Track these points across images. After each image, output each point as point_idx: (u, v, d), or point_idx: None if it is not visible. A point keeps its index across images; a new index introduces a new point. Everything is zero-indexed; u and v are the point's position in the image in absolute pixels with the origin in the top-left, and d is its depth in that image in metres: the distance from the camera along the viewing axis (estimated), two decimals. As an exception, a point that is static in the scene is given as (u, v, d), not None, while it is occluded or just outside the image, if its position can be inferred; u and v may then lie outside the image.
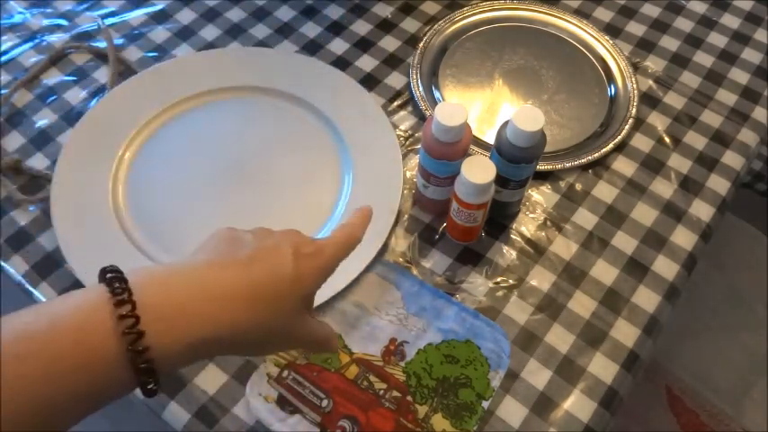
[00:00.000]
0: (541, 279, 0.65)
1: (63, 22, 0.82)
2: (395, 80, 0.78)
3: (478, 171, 0.57)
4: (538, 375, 0.59)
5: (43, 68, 0.77)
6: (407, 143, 0.73)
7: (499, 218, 0.68)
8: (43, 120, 0.74)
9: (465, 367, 0.59)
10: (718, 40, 0.84)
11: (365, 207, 0.49)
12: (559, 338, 0.61)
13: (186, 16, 0.83)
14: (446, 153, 0.59)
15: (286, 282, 0.39)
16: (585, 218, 0.69)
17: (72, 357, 0.31)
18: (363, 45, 0.81)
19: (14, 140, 0.72)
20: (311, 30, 0.82)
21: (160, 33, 0.81)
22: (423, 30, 0.83)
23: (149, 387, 0.34)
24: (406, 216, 0.68)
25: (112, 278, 0.34)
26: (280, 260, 0.39)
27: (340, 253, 0.44)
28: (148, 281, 0.35)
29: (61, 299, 0.34)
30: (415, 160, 0.72)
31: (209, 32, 0.82)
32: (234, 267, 0.38)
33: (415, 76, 0.77)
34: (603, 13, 0.86)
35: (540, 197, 0.70)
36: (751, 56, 0.83)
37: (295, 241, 0.41)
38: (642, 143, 0.74)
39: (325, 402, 0.56)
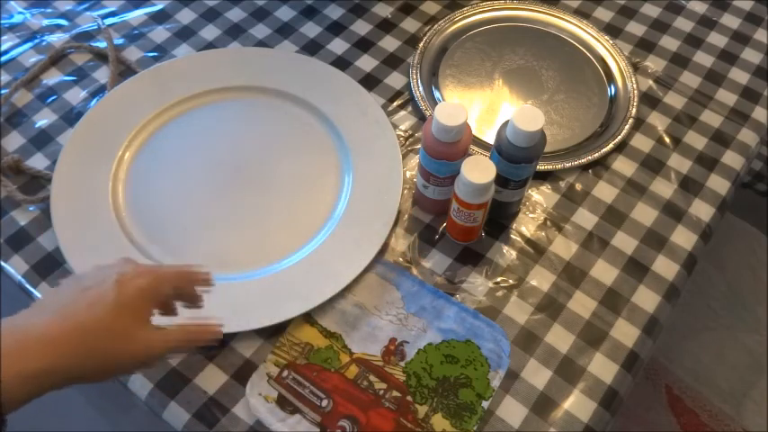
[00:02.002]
0: (541, 279, 0.65)
1: (63, 22, 0.82)
2: (395, 80, 0.78)
3: (478, 171, 0.57)
4: (538, 375, 0.59)
5: (43, 68, 0.77)
6: (407, 143, 0.73)
7: (499, 218, 0.68)
8: (43, 120, 0.74)
9: (465, 367, 0.59)
10: (718, 40, 0.84)
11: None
12: (559, 338, 0.61)
13: (186, 16, 0.83)
14: (446, 153, 0.59)
15: (107, 310, 0.44)
16: (585, 218, 0.69)
17: None
18: (363, 45, 0.81)
19: (14, 140, 0.72)
20: (311, 30, 0.82)
21: (160, 33, 0.81)
22: (423, 30, 0.83)
23: None
24: (406, 216, 0.68)
25: None
26: (100, 293, 0.45)
27: (170, 274, 0.49)
28: None
29: None
30: (415, 160, 0.72)
31: (209, 32, 0.82)
32: (57, 310, 0.44)
33: (415, 76, 0.77)
34: (603, 13, 0.86)
35: (540, 197, 0.70)
36: (751, 56, 0.83)
37: (120, 271, 0.47)
38: (642, 143, 0.74)
39: (325, 402, 0.56)
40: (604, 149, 0.72)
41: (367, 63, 0.79)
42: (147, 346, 0.47)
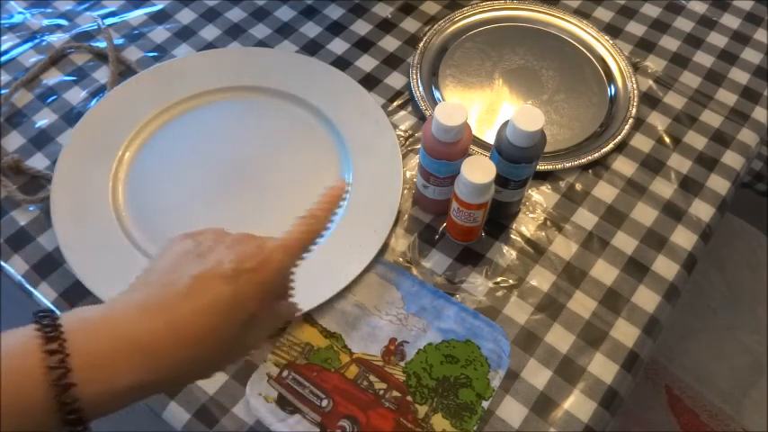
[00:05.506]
0: (541, 279, 0.65)
1: (63, 22, 0.82)
2: (395, 80, 0.78)
3: (478, 171, 0.57)
4: (538, 375, 0.59)
5: (43, 68, 0.77)
6: (407, 143, 0.73)
7: (499, 218, 0.68)
8: (43, 120, 0.74)
9: (465, 367, 0.59)
10: (718, 40, 0.84)
11: (335, 187, 0.46)
12: (559, 338, 0.61)
13: (186, 16, 0.83)
14: (446, 153, 0.59)
15: (223, 310, 0.38)
16: (585, 218, 0.69)
17: (3, 400, 0.32)
18: (363, 45, 0.81)
19: (14, 140, 0.72)
20: (311, 30, 0.82)
21: (160, 33, 0.81)
22: (423, 30, 0.83)
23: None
24: (406, 216, 0.68)
25: (46, 325, 0.34)
26: (216, 288, 0.38)
27: (288, 257, 0.42)
28: (80, 328, 0.35)
29: None
30: (415, 160, 0.72)
31: (209, 32, 0.82)
32: (164, 312, 0.37)
33: (415, 76, 0.77)
34: (603, 13, 0.86)
35: (540, 197, 0.70)
36: (751, 56, 0.83)
37: (239, 255, 0.40)
38: (642, 143, 0.74)
39: (325, 402, 0.56)
40: (604, 149, 0.72)
41: (367, 63, 0.79)
42: (251, 347, 0.43)
